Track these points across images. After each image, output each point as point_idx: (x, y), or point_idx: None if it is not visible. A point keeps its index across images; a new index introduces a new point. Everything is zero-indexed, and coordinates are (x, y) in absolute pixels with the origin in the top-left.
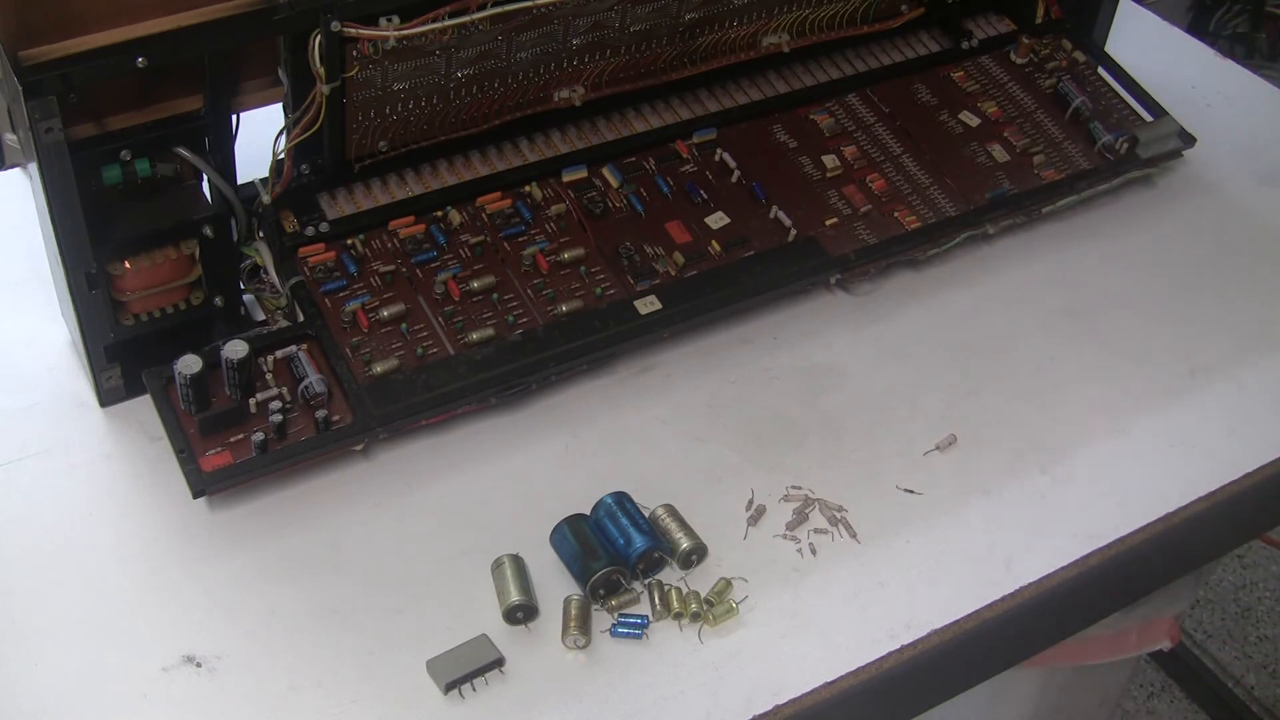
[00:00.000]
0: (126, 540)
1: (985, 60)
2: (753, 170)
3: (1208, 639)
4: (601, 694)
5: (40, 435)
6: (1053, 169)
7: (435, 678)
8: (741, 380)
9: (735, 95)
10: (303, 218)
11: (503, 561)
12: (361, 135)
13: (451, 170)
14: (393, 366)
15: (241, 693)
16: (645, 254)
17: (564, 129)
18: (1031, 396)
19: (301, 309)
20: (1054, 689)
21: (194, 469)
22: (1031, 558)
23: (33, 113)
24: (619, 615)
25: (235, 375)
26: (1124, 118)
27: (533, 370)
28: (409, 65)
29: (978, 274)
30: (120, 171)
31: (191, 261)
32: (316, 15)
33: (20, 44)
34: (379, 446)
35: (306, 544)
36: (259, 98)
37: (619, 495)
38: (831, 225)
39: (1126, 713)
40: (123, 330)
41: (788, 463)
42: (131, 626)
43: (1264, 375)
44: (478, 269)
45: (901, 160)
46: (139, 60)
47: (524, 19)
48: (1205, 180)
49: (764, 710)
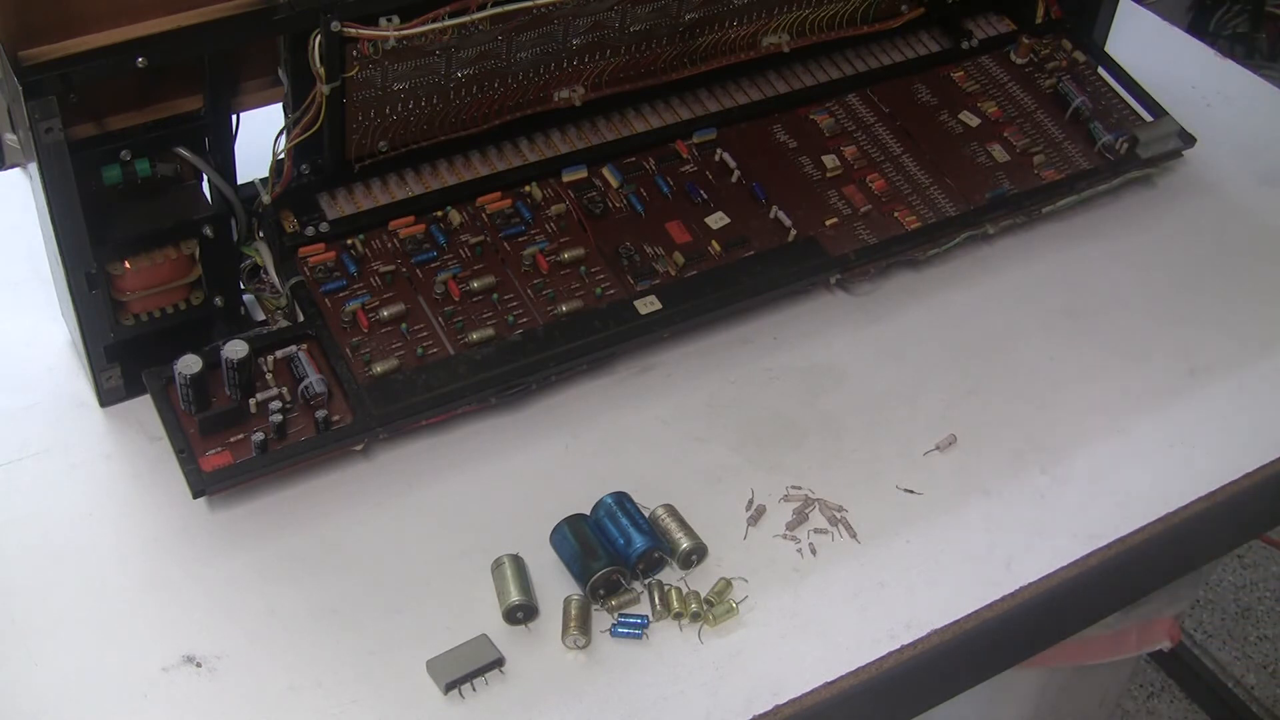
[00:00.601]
0: (126, 540)
1: (985, 60)
2: (753, 170)
3: (1208, 639)
4: (601, 694)
5: (40, 435)
6: (1053, 169)
7: (435, 678)
8: (741, 380)
9: (735, 95)
10: (303, 218)
11: (503, 561)
12: (361, 135)
13: (451, 170)
14: (393, 366)
15: (241, 693)
16: (645, 254)
17: (564, 129)
18: (1031, 396)
19: (301, 309)
20: (1054, 689)
21: (194, 469)
22: (1031, 558)
23: (33, 113)
24: (619, 615)
25: (235, 375)
26: (1124, 118)
27: (533, 370)
28: (409, 65)
29: (978, 274)
30: (120, 171)
31: (191, 261)
32: (316, 15)
33: (20, 44)
34: (379, 446)
35: (306, 544)
36: (259, 98)
37: (619, 495)
38: (831, 225)
39: (1126, 713)
40: (123, 330)
41: (788, 463)
42: (131, 626)
43: (1264, 375)
44: (478, 269)
45: (901, 160)
46: (139, 60)
47: (524, 19)
48: (1205, 180)
49: (764, 710)
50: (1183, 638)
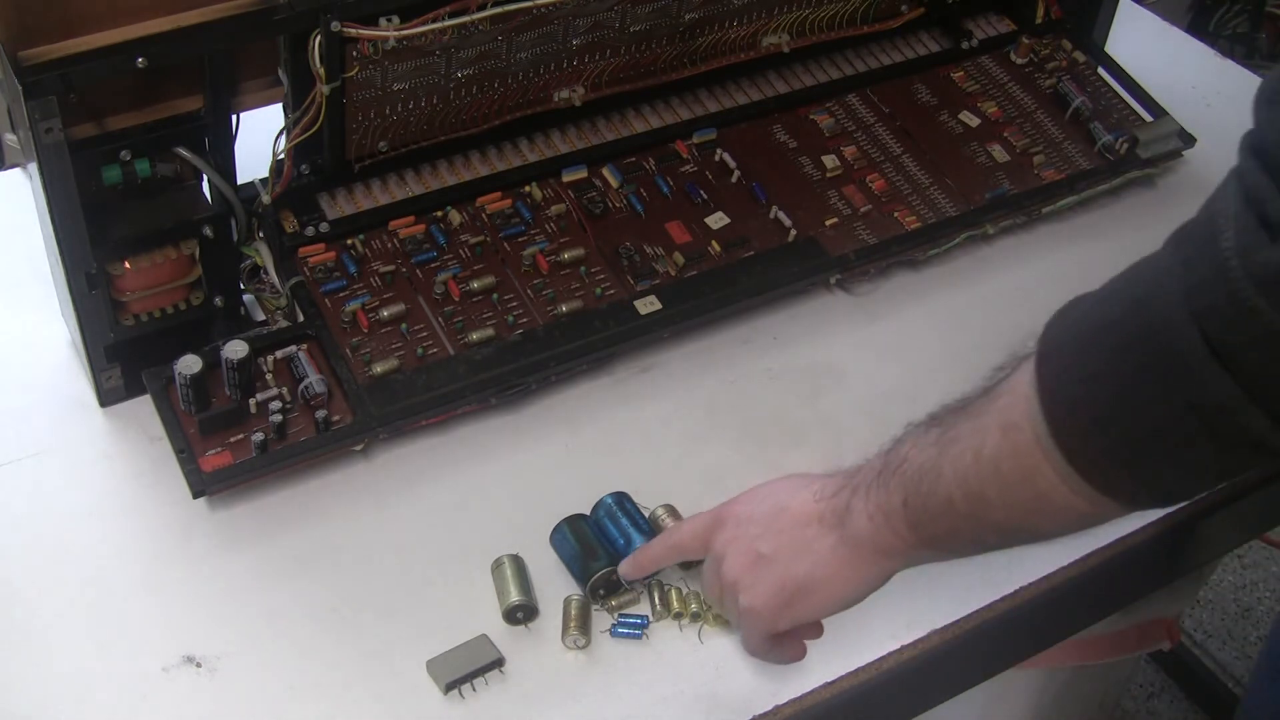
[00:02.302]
0: (126, 540)
1: (985, 60)
2: (753, 170)
3: (1208, 639)
4: (601, 694)
5: (40, 435)
6: (1053, 169)
7: (435, 678)
8: (741, 380)
9: (735, 95)
10: (303, 218)
11: (503, 561)
12: (361, 135)
13: (451, 170)
14: (393, 366)
15: (241, 693)
16: (645, 254)
17: (564, 129)
18: None
19: (301, 309)
20: (1054, 689)
21: (194, 469)
22: (1031, 558)
23: (33, 113)
24: (619, 615)
25: (235, 375)
26: (1124, 118)
27: (533, 370)
28: (409, 65)
29: (978, 274)
30: (120, 171)
31: (191, 261)
32: (316, 15)
33: (20, 44)
34: (379, 446)
35: (306, 544)
36: (259, 98)
37: (619, 495)
38: (831, 225)
39: (1126, 713)
40: (123, 330)
41: (788, 463)
42: (131, 626)
43: None
44: (478, 269)
45: (901, 160)
46: (139, 60)
47: (524, 19)
48: (1205, 180)
49: (764, 710)
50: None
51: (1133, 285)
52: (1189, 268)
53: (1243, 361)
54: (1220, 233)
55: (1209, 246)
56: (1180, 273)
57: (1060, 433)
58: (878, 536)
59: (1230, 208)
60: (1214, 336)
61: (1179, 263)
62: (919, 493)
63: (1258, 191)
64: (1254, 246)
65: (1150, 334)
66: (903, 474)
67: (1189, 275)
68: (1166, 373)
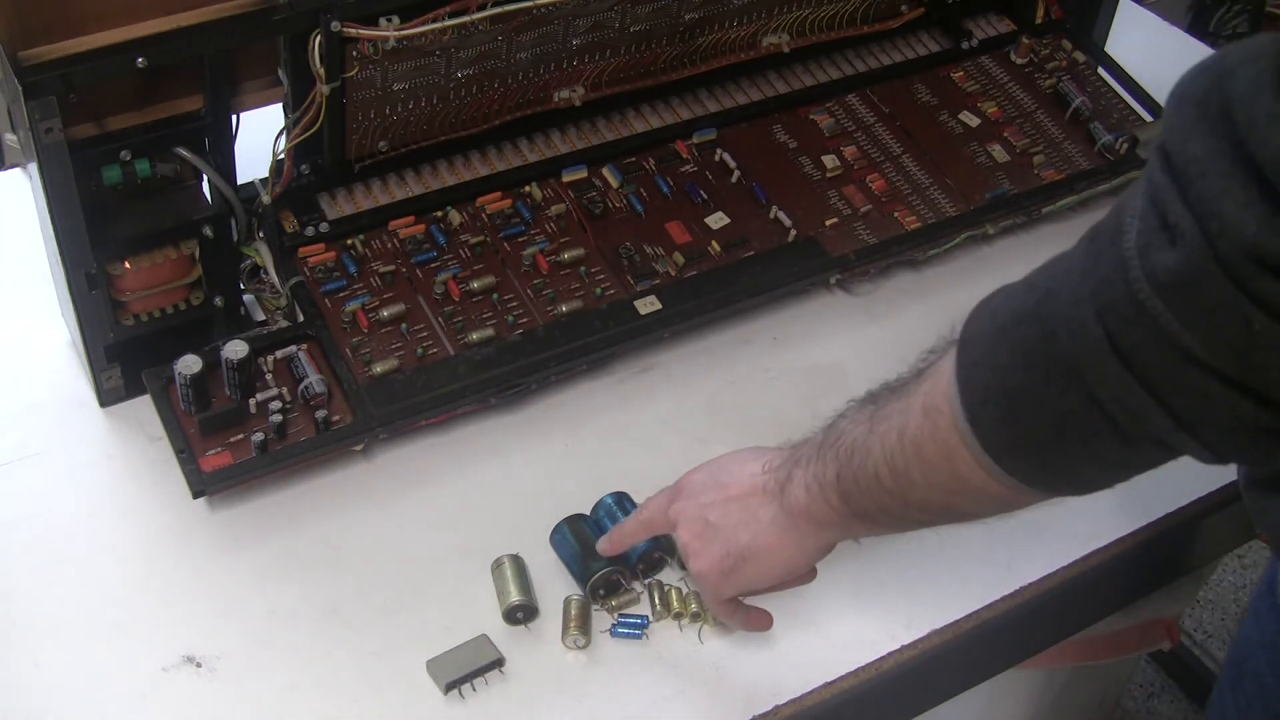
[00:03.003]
0: (126, 540)
1: (985, 60)
2: (753, 170)
3: (1208, 639)
4: (601, 694)
5: (40, 435)
6: (1053, 169)
7: (435, 678)
8: (741, 380)
9: (735, 95)
10: (303, 218)
11: (503, 561)
12: (361, 135)
13: (451, 170)
14: (393, 366)
15: (241, 693)
16: (645, 254)
17: (564, 129)
18: None
19: (301, 309)
20: (1054, 689)
21: (194, 469)
22: (1031, 558)
23: (33, 113)
24: (619, 615)
25: (235, 375)
26: (1124, 118)
27: (533, 370)
28: (409, 65)
29: (978, 274)
30: (120, 171)
31: (191, 261)
32: (316, 15)
33: (20, 44)
34: (379, 446)
35: (306, 544)
36: (259, 98)
37: (619, 495)
38: (831, 225)
39: (1126, 712)
40: (123, 330)
41: None
42: (131, 626)
43: None
44: (478, 269)
45: (901, 160)
46: (139, 60)
47: (524, 19)
48: None
49: (764, 710)
50: (1183, 638)
51: (1047, 277)
52: (1096, 263)
53: (1141, 360)
54: (1125, 231)
55: (1114, 244)
56: (1088, 267)
57: (975, 420)
58: (813, 507)
59: (1137, 207)
60: (1115, 332)
61: (1089, 257)
62: (850, 466)
63: (1161, 193)
64: (1153, 248)
65: (1057, 326)
66: (838, 448)
67: (1095, 270)
68: (1071, 365)
